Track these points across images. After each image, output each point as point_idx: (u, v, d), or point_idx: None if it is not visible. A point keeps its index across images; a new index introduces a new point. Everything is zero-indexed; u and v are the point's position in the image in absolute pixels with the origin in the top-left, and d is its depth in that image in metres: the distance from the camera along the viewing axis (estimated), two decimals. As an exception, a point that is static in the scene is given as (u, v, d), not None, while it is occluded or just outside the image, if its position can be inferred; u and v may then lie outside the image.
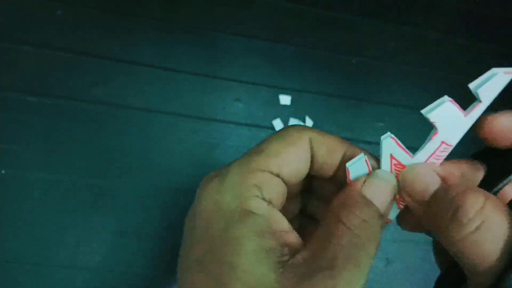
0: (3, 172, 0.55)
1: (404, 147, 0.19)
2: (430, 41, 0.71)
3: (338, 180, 0.20)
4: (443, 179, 0.18)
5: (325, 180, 0.21)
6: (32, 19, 0.59)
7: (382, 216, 0.18)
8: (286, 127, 0.20)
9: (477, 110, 0.17)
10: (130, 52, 0.60)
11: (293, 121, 0.63)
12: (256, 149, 0.19)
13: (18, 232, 0.55)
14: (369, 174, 0.19)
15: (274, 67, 0.64)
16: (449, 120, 0.17)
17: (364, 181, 0.18)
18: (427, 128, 0.18)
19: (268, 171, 0.18)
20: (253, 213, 0.16)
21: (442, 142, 0.18)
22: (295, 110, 0.63)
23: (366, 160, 0.19)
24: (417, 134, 0.19)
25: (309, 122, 0.63)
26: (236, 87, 0.63)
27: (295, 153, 0.19)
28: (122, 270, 0.56)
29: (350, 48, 0.67)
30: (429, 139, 0.18)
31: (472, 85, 0.17)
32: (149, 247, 0.57)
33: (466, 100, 0.18)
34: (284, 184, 0.18)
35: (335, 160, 0.19)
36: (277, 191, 0.18)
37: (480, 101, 0.17)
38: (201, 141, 0.61)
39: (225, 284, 0.15)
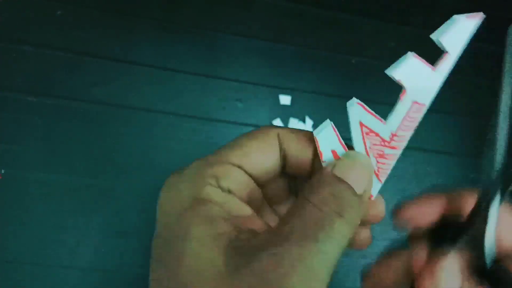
0: (3, 172, 0.55)
1: (373, 112, 0.17)
2: (430, 41, 0.71)
3: None
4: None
5: (307, 179, 0.21)
6: (32, 19, 0.59)
7: (358, 195, 0.17)
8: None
9: (445, 62, 0.16)
10: (130, 52, 0.60)
11: (293, 121, 0.63)
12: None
13: (18, 232, 0.55)
14: (338, 159, 0.18)
15: (274, 67, 0.64)
16: (416, 77, 0.16)
17: (335, 164, 0.18)
18: (428, 128, 0.18)
19: (229, 163, 0.18)
20: (205, 200, 0.17)
21: (414, 102, 0.17)
22: (295, 110, 0.63)
23: (333, 127, 0.18)
24: (417, 133, 0.18)
25: (309, 122, 0.63)
26: (236, 87, 0.63)
27: (257, 145, 0.19)
28: (122, 270, 0.56)
29: (350, 48, 0.67)
30: (399, 100, 0.17)
31: (434, 35, 0.16)
32: (149, 247, 0.57)
33: (467, 99, 0.18)
34: (247, 175, 0.19)
35: (307, 153, 0.19)
36: (237, 181, 0.18)
37: (447, 51, 0.16)
38: (201, 141, 0.61)
39: (174, 271, 0.15)
